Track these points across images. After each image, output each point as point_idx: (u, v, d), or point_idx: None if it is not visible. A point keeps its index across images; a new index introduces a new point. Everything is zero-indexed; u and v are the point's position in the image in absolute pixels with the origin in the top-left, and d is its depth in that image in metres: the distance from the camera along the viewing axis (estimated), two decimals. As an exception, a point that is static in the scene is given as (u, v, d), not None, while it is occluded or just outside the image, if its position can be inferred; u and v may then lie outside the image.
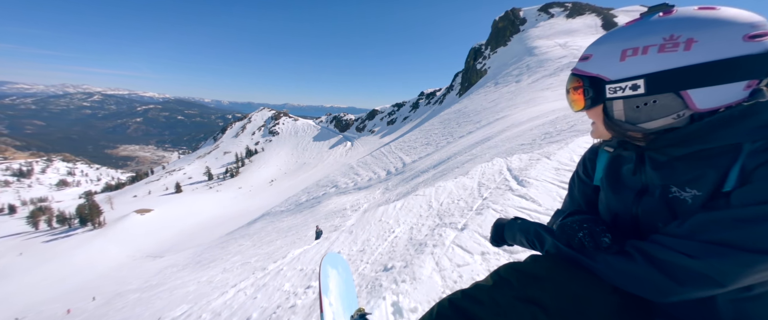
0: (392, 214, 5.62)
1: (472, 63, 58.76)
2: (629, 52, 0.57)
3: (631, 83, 0.57)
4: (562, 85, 11.98)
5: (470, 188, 5.36)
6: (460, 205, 4.61)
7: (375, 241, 4.66)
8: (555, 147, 6.10)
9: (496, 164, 6.47)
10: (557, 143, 6.60)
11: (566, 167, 4.65)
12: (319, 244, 7.13)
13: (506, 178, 5.05)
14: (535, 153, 6.18)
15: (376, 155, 34.76)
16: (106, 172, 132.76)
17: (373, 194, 19.07)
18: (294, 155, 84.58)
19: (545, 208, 3.44)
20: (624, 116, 0.62)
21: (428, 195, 5.85)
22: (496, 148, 10.67)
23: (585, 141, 5.78)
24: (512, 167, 5.61)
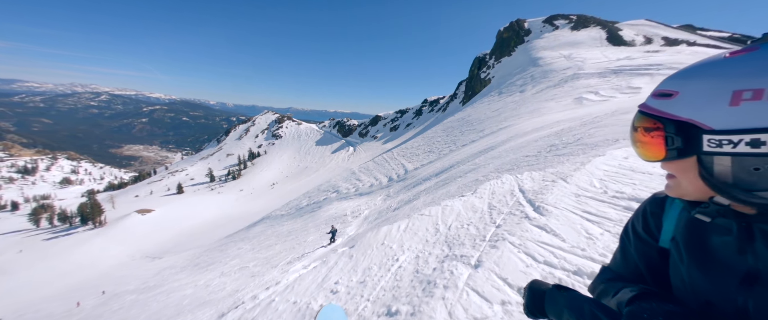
0: (396, 237, 5.16)
1: (476, 72, 59.02)
2: (747, 94, 0.40)
3: (750, 138, 0.40)
4: (567, 96, 11.98)
5: (480, 210, 5.00)
6: (470, 231, 4.23)
7: (377, 271, 4.35)
8: (569, 166, 5.77)
9: (506, 183, 6.15)
10: (568, 160, 6.31)
11: (587, 193, 4.26)
12: (325, 256, 7.03)
13: (520, 201, 4.73)
14: (547, 172, 5.81)
15: (378, 161, 34.73)
16: (109, 171, 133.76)
17: (375, 200, 18.98)
18: (296, 159, 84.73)
19: (571, 245, 3.07)
20: (731, 178, 0.45)
21: (434, 216, 5.44)
22: (499, 158, 10.61)
23: (604, 163, 5.26)
24: (525, 188, 5.25)
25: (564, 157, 6.34)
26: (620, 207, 3.55)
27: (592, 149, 6.55)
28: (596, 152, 6.07)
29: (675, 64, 21.65)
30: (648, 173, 4.37)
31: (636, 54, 29.51)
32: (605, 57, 30.40)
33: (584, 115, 13.44)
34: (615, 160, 5.20)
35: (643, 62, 24.49)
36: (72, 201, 63.51)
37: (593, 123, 8.90)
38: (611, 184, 4.28)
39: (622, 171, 4.66)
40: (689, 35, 39.96)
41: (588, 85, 22.22)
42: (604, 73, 23.97)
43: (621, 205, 3.59)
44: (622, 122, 7.91)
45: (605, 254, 2.71)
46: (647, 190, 3.82)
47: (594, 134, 7.62)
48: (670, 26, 46.64)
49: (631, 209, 3.47)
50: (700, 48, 30.20)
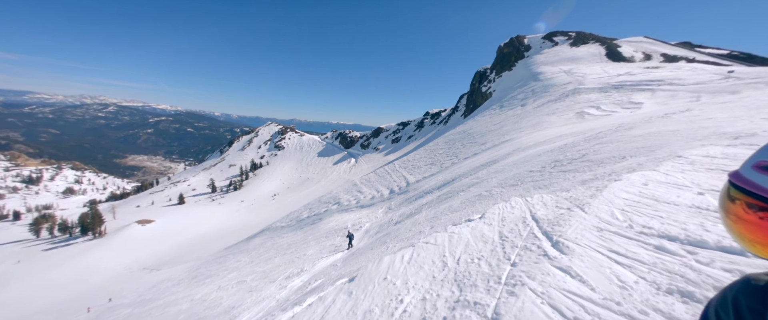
0: (399, 270, 4.68)
1: (477, 86, 59.76)
2: None
3: None
4: (568, 110, 11.97)
5: (491, 240, 4.58)
6: (482, 268, 3.80)
7: (379, 315, 3.93)
8: (584, 192, 5.32)
9: (516, 207, 5.73)
10: (574, 176, 6.04)
11: (610, 227, 3.80)
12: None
13: (534, 233, 4.29)
14: (559, 196, 5.40)
15: (380, 172, 34.64)
16: (112, 181, 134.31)
17: (376, 213, 18.79)
18: (298, 170, 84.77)
19: (602, 296, 2.61)
20: None
21: (441, 245, 4.98)
22: (503, 172, 10.53)
23: (623, 190, 4.86)
24: (538, 216, 4.81)
25: (570, 174, 6.22)
26: (651, 247, 3.17)
27: (599, 166, 6.39)
28: (604, 170, 5.84)
29: (675, 80, 21.79)
30: (673, 203, 4.03)
31: (636, 70, 29.81)
32: (605, 72, 30.73)
33: (587, 129, 13.42)
34: (634, 186, 4.87)
35: (643, 78, 24.69)
36: (74, 211, 63.44)
37: (597, 139, 8.83)
38: (636, 216, 3.89)
39: (644, 200, 4.33)
40: (688, 52, 40.47)
41: (589, 99, 22.35)
42: (605, 89, 24.14)
43: (651, 244, 3.22)
44: (626, 138, 7.82)
45: (645, 310, 2.27)
46: (677, 225, 3.44)
47: (599, 150, 7.48)
48: (668, 43, 47.32)
49: (663, 250, 3.04)
50: (699, 64, 30.50)
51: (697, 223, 3.40)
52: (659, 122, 7.95)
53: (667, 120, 7.94)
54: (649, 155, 5.61)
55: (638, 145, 6.51)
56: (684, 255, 2.83)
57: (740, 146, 5.55)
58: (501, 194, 7.50)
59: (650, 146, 6.18)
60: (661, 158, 5.38)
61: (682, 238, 3.15)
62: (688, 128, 6.80)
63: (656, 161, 5.36)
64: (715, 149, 5.44)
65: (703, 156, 5.32)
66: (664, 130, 7.09)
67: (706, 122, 7.09)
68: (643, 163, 5.31)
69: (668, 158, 5.31)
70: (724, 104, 9.90)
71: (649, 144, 6.32)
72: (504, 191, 7.57)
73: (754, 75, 18.98)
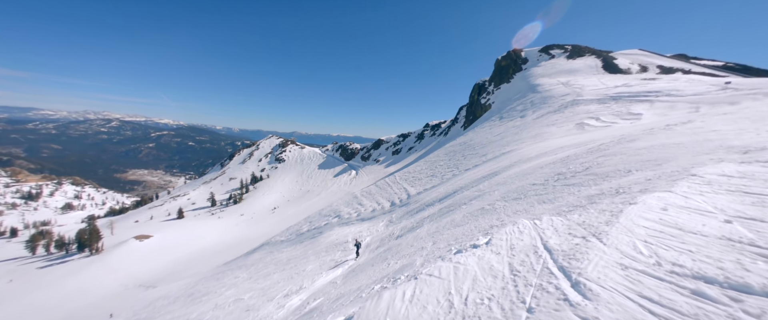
0: (401, 311, 4.26)
1: (476, 98, 60.41)
2: None
3: None
4: (568, 121, 11.94)
5: (501, 275, 4.16)
6: (493, 313, 3.38)
7: None
8: (598, 216, 4.86)
9: (524, 232, 5.32)
10: (585, 194, 5.66)
11: (636, 263, 3.36)
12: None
13: (549, 267, 3.87)
14: (571, 220, 4.94)
15: (381, 185, 34.45)
16: (112, 196, 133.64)
17: (377, 226, 18.51)
18: (298, 183, 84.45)
19: None
20: None
21: (446, 279, 4.54)
22: (505, 185, 10.41)
23: (642, 216, 4.41)
24: (551, 246, 4.39)
25: (574, 188, 6.07)
26: (687, 292, 2.74)
27: (604, 179, 6.21)
28: (610, 185, 5.58)
29: (673, 91, 21.98)
30: (701, 234, 3.59)
31: (633, 81, 30.14)
32: (603, 84, 31.07)
33: (588, 141, 13.37)
34: (652, 212, 4.46)
35: (641, 89, 24.92)
36: (71, 227, 62.76)
37: (600, 151, 8.70)
38: (662, 250, 3.47)
39: (667, 230, 3.89)
40: (684, 64, 41.06)
41: (588, 111, 22.47)
42: (604, 100, 24.32)
43: (686, 287, 2.79)
44: (630, 151, 7.70)
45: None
46: (712, 263, 3.05)
47: (603, 163, 7.34)
48: (663, 55, 48.10)
49: (702, 296, 2.68)
50: (696, 76, 30.87)
51: (733, 259, 3.03)
52: (662, 134, 7.84)
53: (670, 132, 7.83)
54: (656, 169, 5.46)
55: (643, 158, 6.39)
56: (728, 304, 2.48)
57: (755, 163, 5.23)
58: (504, 208, 7.36)
59: (656, 159, 6.04)
60: (672, 175, 5.15)
61: (721, 280, 2.78)
62: (693, 140, 6.68)
63: (667, 178, 5.12)
64: (730, 166, 5.16)
65: (719, 175, 5.05)
66: (668, 142, 6.97)
67: (710, 134, 6.99)
68: (651, 178, 5.11)
69: (681, 176, 5.03)
70: (724, 115, 9.85)
71: (655, 157, 6.18)
72: (507, 205, 7.42)
73: (752, 86, 19.13)
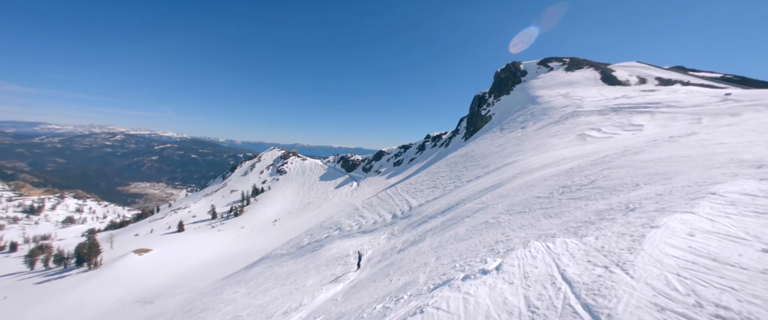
0: None
1: (476, 109, 60.82)
2: None
3: None
4: (569, 132, 11.86)
5: (517, 311, 3.59)
6: None
7: None
8: (615, 239, 4.27)
9: (538, 258, 4.69)
10: (593, 209, 5.28)
11: (673, 304, 2.88)
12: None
13: (571, 304, 3.34)
14: (588, 244, 4.38)
15: (382, 196, 34.22)
16: (113, 209, 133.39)
17: (378, 239, 18.22)
18: (299, 194, 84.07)
19: None
20: None
21: (455, 314, 3.98)
22: (508, 197, 10.26)
23: (668, 243, 3.85)
24: (570, 277, 3.82)
25: (581, 202, 5.86)
26: None
27: (611, 193, 5.97)
28: (618, 200, 5.26)
29: (673, 102, 22.02)
30: (740, 266, 3.12)
31: (632, 93, 30.30)
32: (602, 95, 31.24)
33: (591, 152, 13.28)
34: (678, 237, 3.87)
35: (641, 101, 25.00)
36: (71, 241, 62.30)
37: (604, 163, 8.56)
38: (700, 287, 2.99)
39: (701, 260, 3.40)
40: (682, 75, 41.39)
41: (589, 122, 22.48)
42: (604, 111, 24.37)
43: None
44: (636, 164, 7.50)
45: None
46: (761, 304, 2.62)
47: (609, 176, 7.14)
48: (661, 67, 48.58)
49: None
50: (695, 87, 31.04)
51: None
52: (667, 146, 7.71)
53: (675, 144, 7.68)
54: (665, 184, 5.25)
55: (650, 171, 6.23)
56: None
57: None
58: (509, 222, 7.19)
59: (664, 172, 5.86)
60: (685, 191, 4.82)
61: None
62: (700, 153, 6.51)
63: (679, 193, 4.77)
64: (751, 184, 4.77)
65: (741, 194, 4.61)
66: (674, 155, 6.80)
67: (717, 147, 6.80)
68: (662, 194, 4.86)
69: (699, 194, 4.56)
70: (728, 126, 9.78)
71: (663, 171, 6.00)
72: (511, 219, 7.26)
73: (752, 97, 19.16)
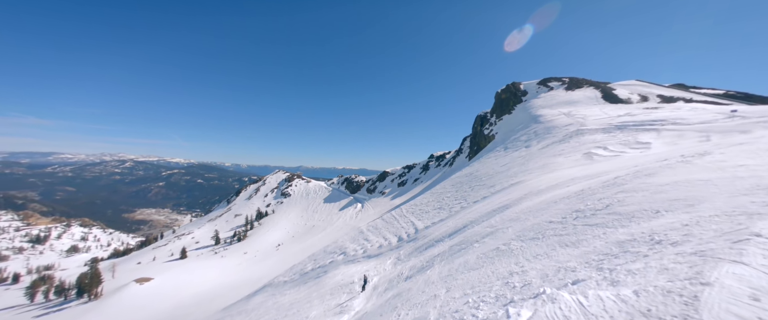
0: None
1: (479, 128, 61.15)
2: None
3: None
4: (574, 151, 11.57)
5: None
6: None
7: None
8: (661, 297, 3.23)
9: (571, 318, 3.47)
10: (614, 240, 4.74)
11: None
12: None
13: None
14: (630, 304, 3.30)
15: (387, 218, 33.60)
16: (117, 236, 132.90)
17: (384, 264, 17.58)
18: (304, 217, 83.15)
19: None
20: None
21: None
22: (518, 221, 9.86)
23: (728, 307, 2.79)
24: None
25: (598, 229, 5.48)
26: None
27: (630, 221, 5.51)
28: (640, 230, 4.80)
29: (679, 119, 21.83)
30: None
31: (636, 110, 30.23)
32: (605, 114, 31.21)
33: (600, 172, 12.97)
34: (742, 304, 2.79)
35: (645, 118, 24.83)
36: (74, 271, 61.50)
37: (617, 185, 8.20)
38: None
39: None
40: (684, 93, 41.52)
41: (594, 140, 22.25)
42: (609, 129, 24.20)
43: None
44: (652, 188, 7.08)
45: None
46: None
47: (624, 201, 6.70)
48: (662, 85, 48.91)
49: None
50: (699, 104, 30.95)
51: None
52: (682, 168, 7.40)
53: (691, 166, 7.35)
54: (689, 212, 4.89)
55: (669, 197, 5.89)
56: None
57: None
58: (522, 250, 6.82)
59: (685, 198, 5.52)
60: (714, 222, 4.31)
61: None
62: (720, 177, 6.15)
63: (708, 225, 4.19)
64: None
65: None
66: (692, 178, 6.42)
67: (737, 169, 6.43)
68: (688, 224, 4.44)
69: (741, 235, 3.67)
70: (741, 145, 9.38)
71: (683, 196, 5.65)
72: (524, 247, 6.89)
73: (760, 114, 18.89)
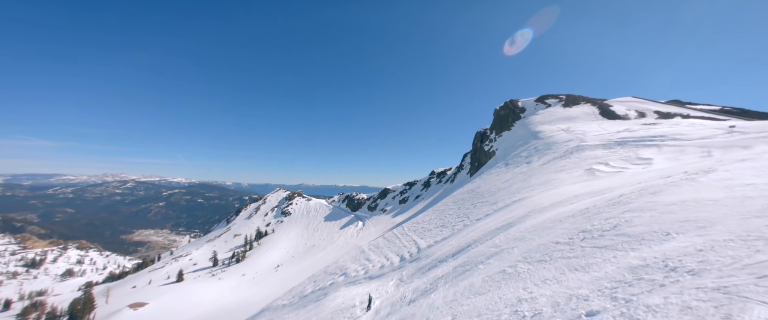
0: None
1: (479, 145, 61.44)
2: None
3: None
4: (576, 167, 11.46)
5: None
6: None
7: None
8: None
9: None
10: (626, 265, 4.52)
11: None
12: None
13: None
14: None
15: (389, 237, 33.02)
16: (114, 259, 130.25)
17: (386, 286, 17.03)
18: (304, 236, 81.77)
19: None
20: None
21: None
22: (523, 241, 9.61)
23: None
24: None
25: (608, 252, 5.25)
26: None
27: (640, 243, 5.30)
28: (652, 253, 4.58)
29: (678, 135, 21.91)
30: None
31: (634, 126, 30.45)
32: (604, 130, 31.43)
33: (603, 188, 12.83)
34: None
35: (644, 134, 24.95)
36: (67, 296, 59.77)
37: (623, 204, 8.03)
38: None
39: None
40: (680, 109, 42.03)
41: (595, 156, 22.25)
42: (609, 145, 24.26)
43: None
44: (659, 207, 6.90)
45: None
46: None
47: (632, 221, 6.53)
48: (658, 102, 49.63)
49: None
50: (696, 120, 31.22)
51: None
52: (688, 186, 7.27)
53: (697, 184, 7.21)
54: (702, 235, 4.73)
55: (678, 217, 5.71)
56: None
57: None
58: (529, 273, 6.58)
59: (695, 219, 5.35)
60: (729, 248, 4.13)
61: None
62: (729, 196, 5.99)
63: (723, 250, 4.08)
64: None
65: None
66: (700, 198, 6.27)
67: (746, 188, 6.28)
68: (703, 249, 4.26)
69: (765, 269, 3.43)
70: (744, 162, 9.31)
71: (693, 217, 5.48)
72: (532, 270, 6.65)
73: (759, 129, 18.94)
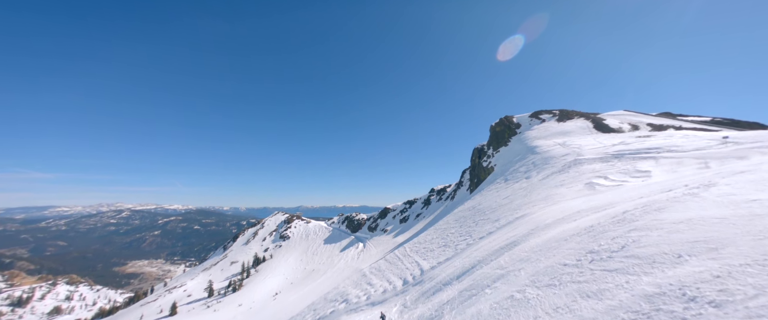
0: None
1: (477, 161, 61.65)
2: None
3: None
4: (575, 181, 11.34)
5: None
6: None
7: None
8: None
9: None
10: (641, 292, 4.29)
11: None
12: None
13: None
14: None
15: (390, 259, 32.16)
16: (105, 293, 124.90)
17: (390, 312, 16.35)
18: (303, 261, 79.29)
19: None
20: None
21: None
22: (529, 263, 9.27)
23: None
24: None
25: (619, 276, 5.00)
26: None
27: (652, 266, 5.05)
28: (667, 279, 4.34)
29: (673, 147, 22.14)
30: None
31: (629, 139, 30.84)
32: (600, 143, 31.75)
33: (605, 204, 12.70)
34: None
35: (640, 147, 25.20)
36: (52, 336, 56.52)
37: (628, 222, 7.84)
38: None
39: None
40: (672, 121, 42.90)
41: (593, 170, 22.28)
42: (606, 158, 24.40)
43: None
44: (665, 226, 6.63)
45: None
46: None
47: (640, 241, 6.32)
48: (649, 114, 50.69)
49: None
50: (689, 131, 31.76)
51: None
52: (693, 203, 7.13)
53: (701, 200, 7.07)
54: (715, 258, 4.55)
55: (687, 237, 5.55)
56: None
57: None
58: (538, 300, 6.23)
59: (705, 240, 5.16)
60: (747, 273, 3.90)
61: None
62: (736, 214, 5.83)
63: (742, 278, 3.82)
64: None
65: None
66: (706, 215, 6.13)
67: (751, 205, 6.13)
68: (719, 275, 4.02)
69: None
70: (743, 174, 9.25)
71: (702, 237, 5.31)
72: (541, 296, 6.32)
73: (752, 139, 19.18)
